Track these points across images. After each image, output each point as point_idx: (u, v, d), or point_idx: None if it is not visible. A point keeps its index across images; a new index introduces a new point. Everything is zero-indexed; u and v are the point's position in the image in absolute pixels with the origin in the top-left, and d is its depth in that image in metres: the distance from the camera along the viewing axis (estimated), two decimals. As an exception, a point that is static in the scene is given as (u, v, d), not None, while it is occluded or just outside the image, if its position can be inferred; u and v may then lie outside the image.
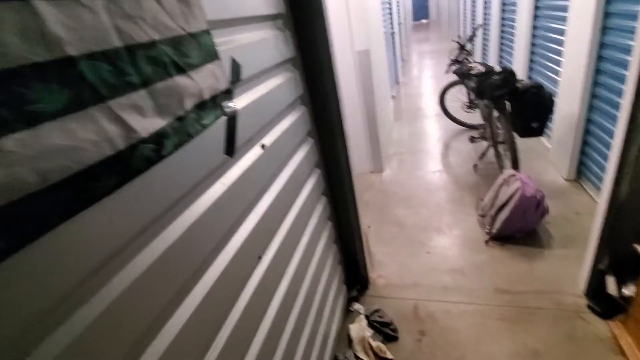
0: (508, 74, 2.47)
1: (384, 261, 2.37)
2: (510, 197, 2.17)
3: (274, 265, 1.17)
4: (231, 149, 0.91)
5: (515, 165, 2.47)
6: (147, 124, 0.61)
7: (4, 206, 0.41)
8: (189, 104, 0.74)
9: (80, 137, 0.49)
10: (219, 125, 0.88)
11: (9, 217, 0.42)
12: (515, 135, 2.57)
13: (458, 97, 3.80)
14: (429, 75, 7.28)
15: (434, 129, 4.39)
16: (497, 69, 2.65)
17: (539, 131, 2.54)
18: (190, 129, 0.75)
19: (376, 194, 3.16)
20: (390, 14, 5.33)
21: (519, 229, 2.24)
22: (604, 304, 1.74)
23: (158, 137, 0.64)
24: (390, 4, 5.29)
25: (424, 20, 18.03)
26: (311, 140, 1.59)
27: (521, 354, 1.63)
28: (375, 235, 2.62)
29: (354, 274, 2.14)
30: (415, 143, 4.09)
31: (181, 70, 0.71)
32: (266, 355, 1.10)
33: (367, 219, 2.58)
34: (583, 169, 2.73)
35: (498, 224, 2.24)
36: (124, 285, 0.60)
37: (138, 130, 0.59)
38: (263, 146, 1.11)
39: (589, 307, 1.79)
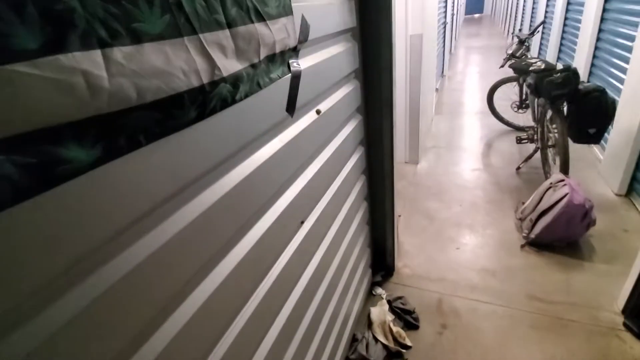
0: (571, 73, 2.31)
1: (411, 251, 2.33)
2: (556, 203, 2.06)
3: (313, 233, 1.17)
4: (292, 108, 0.91)
5: (565, 170, 2.34)
6: (228, 65, 0.62)
7: (106, 114, 0.42)
8: (262, 53, 0.73)
9: (174, 63, 0.50)
10: (284, 82, 0.87)
11: (108, 126, 0.43)
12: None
13: (509, 95, 3.61)
14: (475, 71, 6.96)
15: (476, 127, 4.22)
16: (559, 66, 2.48)
17: (595, 138, 2.37)
18: (260, 80, 0.75)
19: (409, 185, 3.10)
20: (446, 3, 5.10)
21: (560, 237, 2.13)
22: (643, 325, 1.64)
23: (235, 80, 0.65)
24: (446, -8, 5.06)
25: (476, 15, 17.18)
26: (359, 116, 1.57)
27: (549, 364, 1.57)
28: (404, 226, 2.58)
29: (381, 259, 2.12)
30: (455, 139, 3.96)
31: (261, 18, 0.70)
32: (293, 323, 1.11)
33: (397, 208, 2.54)
34: (636, 184, 2.54)
35: (538, 229, 2.14)
36: (183, 224, 0.61)
37: (220, 68, 0.59)
38: (318, 112, 1.10)
39: (626, 326, 1.69)
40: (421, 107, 3.17)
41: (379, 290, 2.05)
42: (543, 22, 4.39)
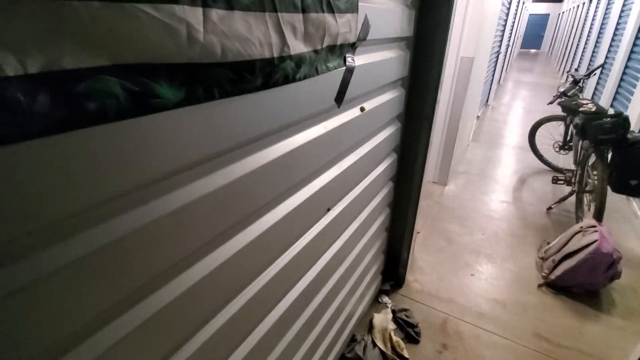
0: (621, 120, 2.24)
1: (424, 268, 2.33)
2: (584, 248, 2.00)
3: (336, 223, 1.22)
4: (341, 99, 0.97)
5: (599, 218, 2.26)
6: (296, 45, 0.68)
7: (195, 64, 0.50)
8: (326, 42, 0.80)
9: (254, 33, 0.57)
10: (338, 73, 0.94)
11: (193, 75, 0.51)
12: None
13: (552, 134, 3.52)
14: (520, 105, 6.80)
15: (512, 160, 4.13)
16: (610, 112, 2.41)
17: (636, 191, 2.28)
18: (319, 66, 0.82)
19: (433, 204, 3.09)
20: (503, 32, 5.04)
21: (581, 283, 2.06)
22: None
23: (299, 60, 0.71)
24: (505, 22, 5.00)
25: (532, 50, 16.71)
26: (398, 124, 1.61)
27: (546, 405, 1.53)
28: (422, 243, 2.58)
29: (392, 268, 2.14)
30: (488, 168, 3.89)
31: (331, 9, 0.77)
32: (298, 306, 1.15)
33: (418, 224, 2.54)
34: (676, 248, 2.41)
35: (559, 271, 2.08)
36: (230, 179, 0.68)
37: (289, 46, 0.66)
38: (362, 109, 1.16)
39: (637, 387, 1.62)
40: (459, 131, 3.16)
41: (385, 299, 2.06)
42: (602, 65, 4.24)
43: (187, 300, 0.66)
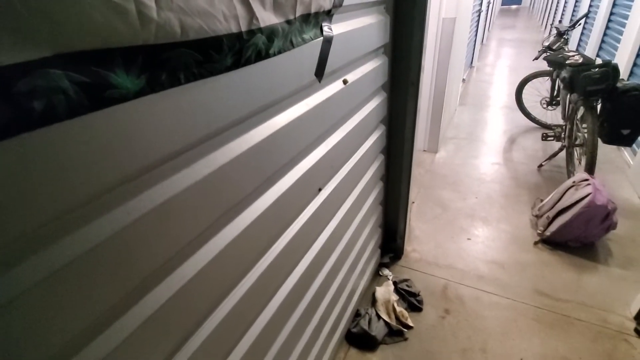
0: (611, 69, 2.21)
1: (421, 237, 2.34)
2: (577, 202, 2.02)
3: (329, 202, 1.19)
4: (321, 73, 0.91)
5: (590, 171, 2.27)
6: (265, 16, 0.62)
7: (153, 46, 0.44)
8: (298, 10, 0.74)
9: (216, 5, 0.51)
10: (315, 45, 0.88)
11: (153, 59, 0.45)
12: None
13: (539, 90, 3.49)
14: (505, 64, 6.71)
15: (500, 121, 4.11)
16: (598, 61, 2.37)
17: (628, 140, 2.28)
18: (294, 38, 0.76)
19: (425, 172, 3.08)
20: (483, -11, 4.89)
21: (576, 237, 2.10)
22: (654, 332, 1.62)
23: (270, 33, 0.65)
24: (485, -23, 4.84)
25: (514, 6, 16.41)
26: (384, 94, 1.56)
27: (550, 357, 1.58)
28: (417, 212, 2.58)
29: (391, 241, 2.14)
30: (477, 131, 3.87)
31: (300, -27, 0.71)
32: (301, 287, 1.14)
33: (411, 195, 2.54)
34: (666, 193, 2.45)
35: (554, 227, 2.11)
36: (210, 170, 0.63)
37: (258, 18, 0.60)
38: (345, 81, 1.10)
39: (637, 331, 1.67)
40: (446, 96, 3.10)
41: (386, 272, 2.07)
42: (586, 15, 4.17)
43: (186, 295, 0.63)
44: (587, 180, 2.11)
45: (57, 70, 0.37)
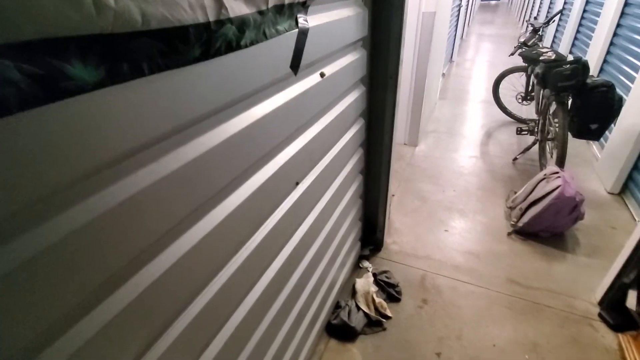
0: (580, 66, 2.29)
1: (400, 230, 2.38)
2: (548, 194, 2.09)
3: (307, 196, 1.19)
4: (297, 65, 0.90)
5: (561, 164, 2.36)
6: (235, 6, 0.61)
7: (111, 35, 0.42)
8: (271, 1, 0.72)
9: (181, -7, 0.49)
10: (290, 38, 0.86)
11: (112, 49, 0.43)
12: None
13: (515, 86, 3.58)
14: (484, 59, 6.85)
15: (478, 115, 4.20)
16: (570, 58, 2.45)
17: (596, 135, 2.38)
18: (267, 29, 0.74)
19: (405, 166, 3.12)
20: (463, -16, 4.94)
21: (547, 228, 2.18)
22: (617, 317, 1.71)
23: (241, 24, 0.64)
24: (465, -28, 4.89)
25: (493, 2, 16.68)
26: (363, 88, 1.56)
27: (520, 343, 1.65)
28: (397, 205, 2.62)
29: (370, 233, 2.17)
30: (456, 125, 3.94)
31: (272, -37, 0.69)
32: (280, 280, 1.15)
33: (392, 188, 2.57)
34: (631, 184, 2.58)
35: (526, 218, 2.19)
36: (180, 163, 0.61)
37: (227, 8, 0.58)
38: (322, 74, 1.10)
39: (601, 316, 1.76)
40: (426, 90, 3.14)
41: (366, 264, 2.10)
42: (561, 11, 4.29)
43: (162, 287, 0.62)
44: (557, 173, 2.19)
45: (6, 60, 0.35)
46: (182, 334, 0.71)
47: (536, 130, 2.95)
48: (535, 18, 4.80)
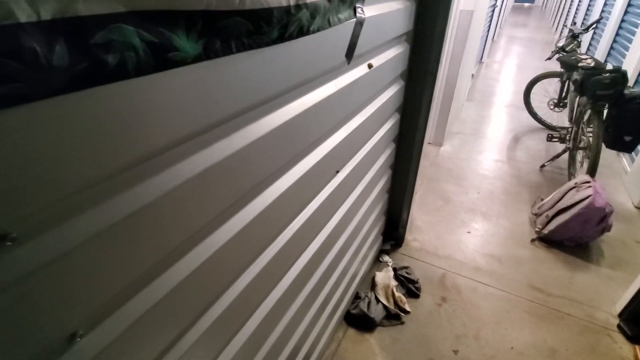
0: (620, 76, 2.23)
1: (422, 228, 2.38)
2: (577, 203, 2.06)
3: (344, 185, 1.21)
4: (351, 54, 0.92)
5: (592, 173, 2.31)
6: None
7: (213, 12, 0.45)
8: (338, -10, 0.74)
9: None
10: (348, 27, 0.88)
11: (211, 25, 0.46)
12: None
13: (547, 91, 3.50)
14: (514, 62, 6.69)
15: (505, 119, 4.13)
16: (609, 67, 2.38)
17: (630, 147, 2.32)
18: (331, 17, 0.76)
19: (429, 165, 3.10)
20: (499, -17, 4.82)
21: (572, 237, 2.15)
22: (635, 329, 1.70)
23: (313, 10, 0.66)
24: (503, -28, 4.76)
25: (526, 4, 16.18)
26: (402, 82, 1.56)
27: (538, 348, 1.65)
28: (419, 203, 2.62)
29: (392, 229, 2.18)
30: (482, 128, 3.89)
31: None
32: (308, 271, 1.17)
33: (415, 186, 2.57)
34: (661, 200, 2.51)
35: (552, 225, 2.16)
36: (247, 141, 0.64)
37: (305, -7, 0.61)
38: (370, 66, 1.11)
39: (620, 328, 1.75)
40: (456, 90, 3.10)
41: (386, 258, 2.12)
42: (599, 20, 4.16)
43: (212, 265, 0.65)
44: (588, 182, 2.15)
45: (130, 26, 0.38)
46: (223, 313, 0.74)
47: (568, 138, 2.89)
48: (574, 23, 4.64)
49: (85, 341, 0.46)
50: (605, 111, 2.40)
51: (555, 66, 3.32)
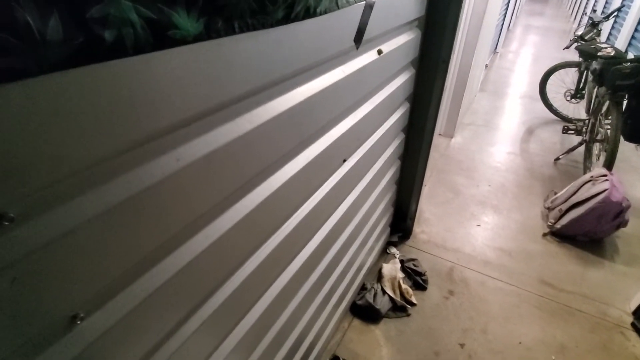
0: (643, 65, 2.13)
1: (431, 220, 2.35)
2: (593, 196, 2.00)
3: (351, 175, 1.19)
4: (359, 39, 0.89)
5: (609, 167, 2.24)
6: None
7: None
8: (348, -31, 0.71)
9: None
10: (357, 10, 0.85)
11: (214, 3, 0.45)
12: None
13: (564, 82, 3.39)
14: (530, 52, 6.49)
15: (518, 111, 4.02)
16: (630, 56, 2.29)
17: (650, 139, 2.24)
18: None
19: (439, 157, 3.05)
20: (517, -30, 4.65)
21: (586, 232, 2.10)
22: (651, 328, 1.66)
23: (321, -10, 0.63)
24: (521, -43, 4.59)
25: (543, -8, 15.63)
26: (413, 70, 1.52)
27: (548, 344, 1.62)
28: (428, 195, 2.58)
29: (400, 221, 2.16)
30: (495, 119, 3.80)
31: None
32: (315, 259, 1.16)
33: (425, 177, 2.53)
34: (682, 196, 2.42)
35: (565, 220, 2.11)
36: (252, 126, 0.63)
37: (313, -29, 0.58)
38: (380, 52, 1.08)
39: (634, 326, 1.70)
40: (469, 80, 3.03)
41: (393, 250, 2.10)
42: (620, 8, 3.99)
43: (214, 252, 0.65)
44: (605, 176, 2.08)
45: (127, 1, 0.37)
46: (229, 297, 0.74)
47: (584, 130, 2.80)
48: (594, 11, 4.47)
49: (86, 323, 0.46)
50: (625, 102, 2.31)
51: (573, 56, 3.21)
